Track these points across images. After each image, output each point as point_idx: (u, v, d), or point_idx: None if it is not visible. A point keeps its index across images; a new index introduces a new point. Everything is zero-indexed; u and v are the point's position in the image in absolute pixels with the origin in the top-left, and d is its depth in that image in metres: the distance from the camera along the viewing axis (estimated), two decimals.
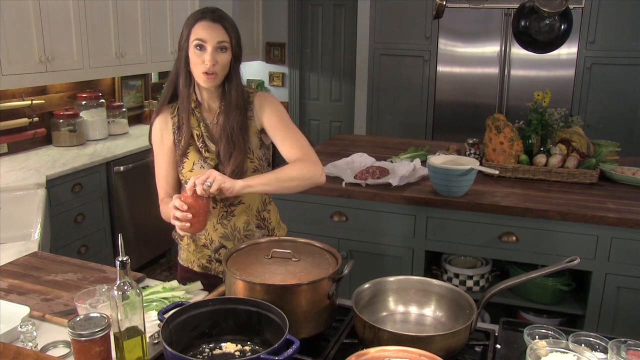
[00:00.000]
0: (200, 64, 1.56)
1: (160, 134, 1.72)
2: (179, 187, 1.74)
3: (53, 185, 2.97)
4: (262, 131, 1.70)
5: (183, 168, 1.69)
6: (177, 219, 1.47)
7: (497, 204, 2.40)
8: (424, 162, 2.92)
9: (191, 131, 1.67)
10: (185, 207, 1.45)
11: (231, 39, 1.58)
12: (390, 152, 3.27)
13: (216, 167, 1.65)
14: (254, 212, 1.76)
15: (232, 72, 1.62)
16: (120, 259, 1.16)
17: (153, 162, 1.76)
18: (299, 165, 1.60)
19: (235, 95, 1.63)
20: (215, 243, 1.74)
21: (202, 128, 1.67)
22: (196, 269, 1.81)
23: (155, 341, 1.32)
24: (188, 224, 1.47)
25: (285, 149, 1.65)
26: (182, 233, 1.53)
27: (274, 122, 1.67)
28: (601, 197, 2.52)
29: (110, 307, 1.17)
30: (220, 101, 1.66)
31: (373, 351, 1.14)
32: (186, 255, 1.82)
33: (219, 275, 1.78)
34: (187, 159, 1.68)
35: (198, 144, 1.67)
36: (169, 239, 1.56)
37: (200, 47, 1.55)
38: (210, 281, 1.75)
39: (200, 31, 1.55)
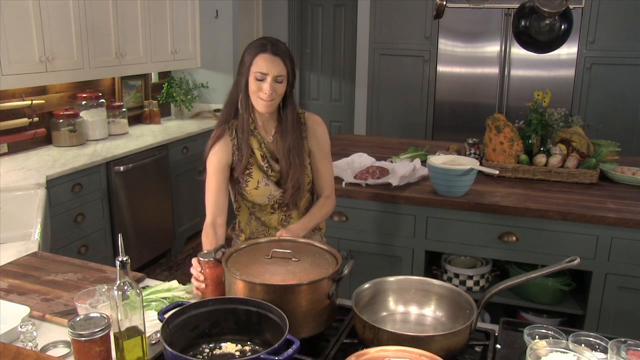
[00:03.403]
0: (259, 92, 1.72)
1: (218, 154, 1.81)
2: (226, 210, 1.83)
3: (53, 185, 2.96)
4: (309, 151, 1.91)
5: (247, 185, 1.84)
6: (196, 279, 1.55)
7: (497, 204, 2.40)
8: (424, 162, 2.92)
9: (251, 151, 1.82)
10: (201, 277, 1.52)
11: (288, 71, 1.72)
12: (390, 152, 3.27)
13: (278, 183, 1.85)
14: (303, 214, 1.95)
15: (288, 98, 1.79)
16: (120, 259, 1.16)
17: (204, 183, 1.86)
18: (328, 207, 1.94)
19: (291, 118, 1.81)
20: None
21: (265, 149, 1.84)
22: None
23: (154, 341, 1.32)
24: (203, 285, 1.53)
25: (320, 180, 1.93)
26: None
27: (318, 155, 1.91)
28: (601, 197, 2.52)
29: (110, 307, 1.18)
30: (276, 123, 1.84)
31: (373, 351, 1.14)
32: None
33: None
34: (251, 177, 1.84)
35: (262, 163, 1.83)
36: (169, 238, 1.56)
37: (261, 78, 1.70)
38: None
39: (262, 64, 1.69)
